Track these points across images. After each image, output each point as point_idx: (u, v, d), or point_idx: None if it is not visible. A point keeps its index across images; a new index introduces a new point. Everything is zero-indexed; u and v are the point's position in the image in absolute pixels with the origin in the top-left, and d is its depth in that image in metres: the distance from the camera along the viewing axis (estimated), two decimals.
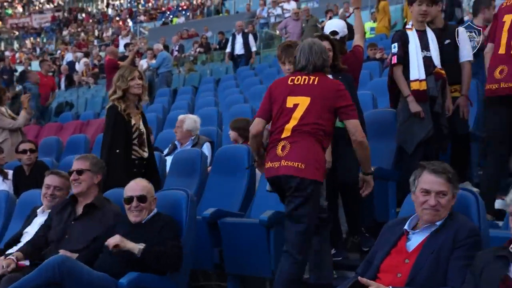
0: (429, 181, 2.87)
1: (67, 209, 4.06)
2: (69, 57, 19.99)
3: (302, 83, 3.67)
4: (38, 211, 4.43)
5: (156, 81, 13.48)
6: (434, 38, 4.66)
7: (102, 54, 19.20)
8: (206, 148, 6.12)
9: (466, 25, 5.76)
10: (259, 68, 12.92)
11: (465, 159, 5.04)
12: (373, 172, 3.80)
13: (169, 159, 5.93)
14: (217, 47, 17.27)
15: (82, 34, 29.03)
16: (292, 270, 3.57)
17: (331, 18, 12.24)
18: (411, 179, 2.98)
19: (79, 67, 18.15)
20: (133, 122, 4.67)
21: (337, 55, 4.41)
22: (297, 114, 3.59)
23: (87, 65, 17.85)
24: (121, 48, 17.51)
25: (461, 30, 5.06)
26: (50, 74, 14.55)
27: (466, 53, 4.95)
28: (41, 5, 39.57)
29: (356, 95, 4.50)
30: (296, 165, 3.51)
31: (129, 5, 35.03)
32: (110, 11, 34.60)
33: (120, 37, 21.45)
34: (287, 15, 15.99)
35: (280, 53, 4.27)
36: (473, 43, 5.41)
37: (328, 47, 4.14)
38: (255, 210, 4.68)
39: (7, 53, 26.19)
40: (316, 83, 3.65)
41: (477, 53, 5.58)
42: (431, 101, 4.56)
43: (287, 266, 3.58)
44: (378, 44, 10.20)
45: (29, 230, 4.32)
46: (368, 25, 14.12)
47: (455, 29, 5.03)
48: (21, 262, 3.90)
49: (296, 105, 3.62)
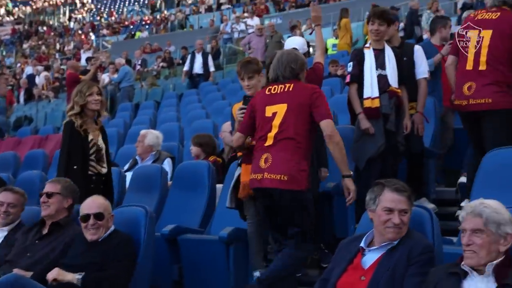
0: (392, 199, 2.90)
1: (34, 229, 4.04)
2: (29, 70, 19.70)
3: (278, 91, 3.81)
4: None
5: (118, 96, 13.30)
6: (392, 56, 4.72)
7: (63, 67, 18.96)
8: (167, 163, 6.08)
9: (425, 42, 5.84)
10: (222, 83, 12.93)
11: (420, 175, 5.12)
12: (351, 174, 3.83)
13: (129, 175, 5.87)
14: (180, 62, 17.23)
15: (43, 47, 28.57)
16: (290, 260, 3.69)
17: (300, 34, 12.30)
18: (370, 197, 2.99)
19: (39, 80, 17.89)
20: (90, 137, 4.63)
21: None
22: (276, 121, 3.72)
23: (48, 79, 17.60)
24: (83, 61, 17.33)
25: (417, 47, 5.13)
26: (8, 87, 14.27)
27: (422, 70, 5.03)
28: (0, 18, 38.91)
29: None
30: (279, 177, 3.61)
31: (91, 18, 34.74)
32: (72, 25, 34.19)
33: (82, 51, 21.25)
34: (250, 31, 16.08)
35: (239, 69, 4.31)
36: (430, 61, 5.50)
37: None
38: (215, 226, 4.66)
39: None
40: (291, 89, 3.79)
41: (434, 71, 5.70)
42: (384, 119, 4.62)
43: (286, 257, 3.69)
44: (339, 60, 10.32)
45: None
46: (330, 41, 14.33)
47: (412, 47, 5.12)
48: None
49: (274, 114, 3.75)
